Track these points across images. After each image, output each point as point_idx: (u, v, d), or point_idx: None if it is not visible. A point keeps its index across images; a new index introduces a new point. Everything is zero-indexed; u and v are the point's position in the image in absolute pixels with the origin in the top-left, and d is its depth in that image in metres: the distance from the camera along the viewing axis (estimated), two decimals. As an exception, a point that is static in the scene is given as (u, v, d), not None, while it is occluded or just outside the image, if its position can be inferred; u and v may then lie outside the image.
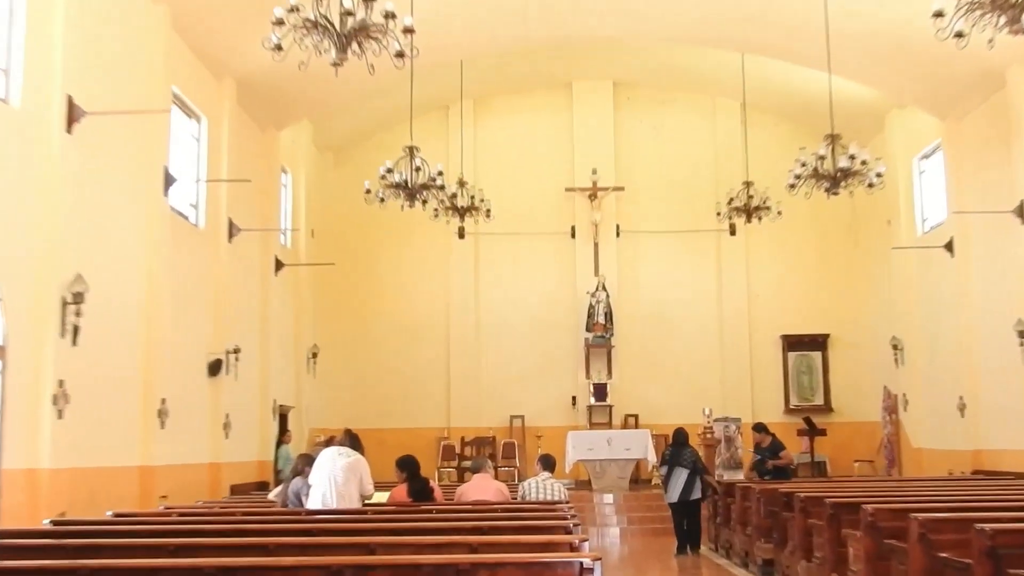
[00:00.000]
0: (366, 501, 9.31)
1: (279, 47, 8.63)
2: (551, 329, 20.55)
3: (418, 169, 14.04)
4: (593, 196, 20.43)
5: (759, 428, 14.34)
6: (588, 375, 20.00)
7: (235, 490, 14.52)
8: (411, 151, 14.12)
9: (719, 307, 20.71)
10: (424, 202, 14.02)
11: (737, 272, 20.74)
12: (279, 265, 17.27)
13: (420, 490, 9.62)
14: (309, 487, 9.21)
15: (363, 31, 8.78)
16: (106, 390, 11.24)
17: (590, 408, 19.71)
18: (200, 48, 14.02)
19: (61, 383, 10.20)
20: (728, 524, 12.77)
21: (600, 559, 5.78)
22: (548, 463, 10.60)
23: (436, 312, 20.79)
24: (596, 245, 20.50)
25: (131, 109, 11.64)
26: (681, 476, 12.89)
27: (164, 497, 11.94)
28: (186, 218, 14.25)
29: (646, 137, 21.16)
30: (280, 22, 8.74)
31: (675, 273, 20.81)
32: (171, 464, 12.67)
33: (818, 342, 20.65)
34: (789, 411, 20.35)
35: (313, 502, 9.07)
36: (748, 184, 16.86)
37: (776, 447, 14.04)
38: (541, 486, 10.32)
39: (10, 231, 9.78)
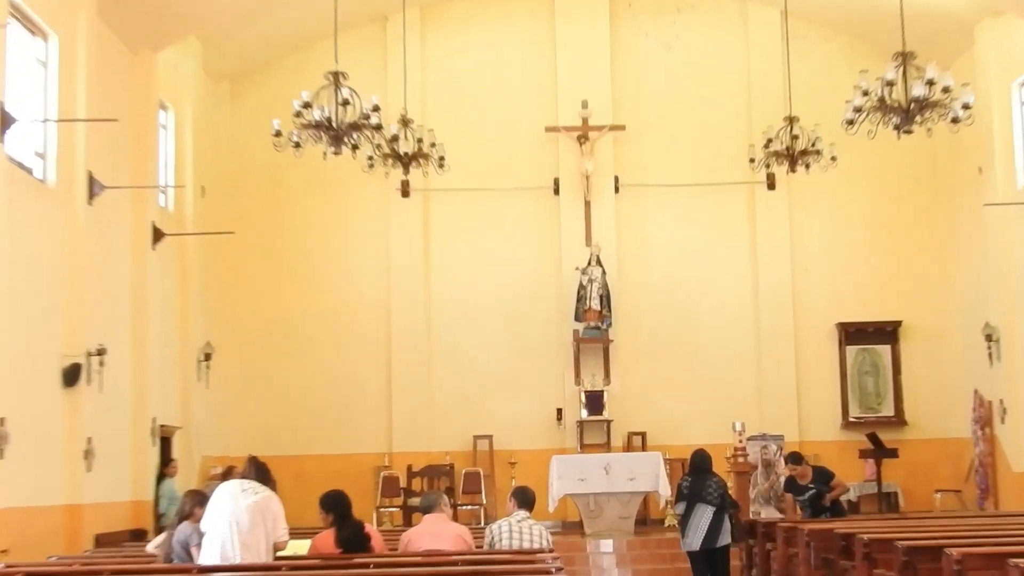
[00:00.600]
0: (279, 552, 9.23)
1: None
2: (528, 319, 20.49)
3: (346, 103, 13.76)
4: (583, 138, 20.35)
5: (794, 459, 14.42)
6: (578, 380, 20.01)
7: (101, 541, 14.30)
8: (336, 78, 13.80)
9: (753, 286, 20.65)
10: (355, 148, 13.81)
11: (777, 239, 20.65)
12: (158, 235, 16.93)
13: (352, 537, 9.55)
14: (202, 535, 9.12)
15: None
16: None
17: (581, 424, 19.72)
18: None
19: None
20: (767, 578, 12.94)
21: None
22: (525, 499, 10.49)
23: (372, 298, 20.68)
24: (588, 204, 20.48)
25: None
26: (704, 515, 12.77)
27: (3, 552, 11.72)
28: (29, 171, 13.98)
29: (654, 58, 21.04)
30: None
31: (694, 241, 20.74)
32: (12, 507, 12.39)
33: (886, 332, 20.62)
34: (848, 425, 20.37)
35: (208, 555, 8.98)
36: (791, 120, 16.58)
37: (823, 475, 14.12)
38: (516, 530, 10.24)
39: None
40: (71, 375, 14.29)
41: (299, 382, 20.29)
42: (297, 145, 13.54)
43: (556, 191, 20.55)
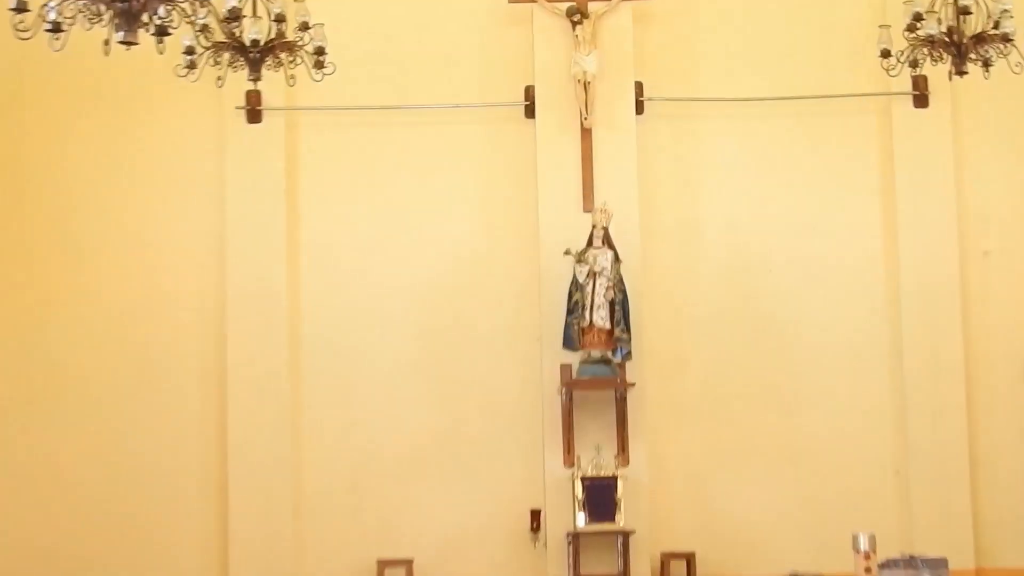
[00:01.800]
0: None
1: None
2: (476, 344, 12.00)
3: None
4: (579, 15, 11.85)
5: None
6: (570, 457, 11.41)
7: None
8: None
9: (889, 284, 12.09)
10: (161, 34, 7.78)
11: (933, 198, 12.01)
12: None
13: None
14: None
15: None
16: None
17: (575, 539, 11.32)
18: None
19: None
20: None
21: None
22: None
23: (191, 304, 12.00)
24: (587, 135, 11.73)
25: None
26: None
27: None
28: None
29: None
30: None
31: (779, 203, 12.20)
32: None
33: None
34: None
35: None
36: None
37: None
38: None
39: None
40: None
41: (54, 468, 11.78)
42: (57, 28, 7.73)
43: (529, 111, 12.01)
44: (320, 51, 9.58)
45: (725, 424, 11.83)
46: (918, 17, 9.82)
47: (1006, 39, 9.78)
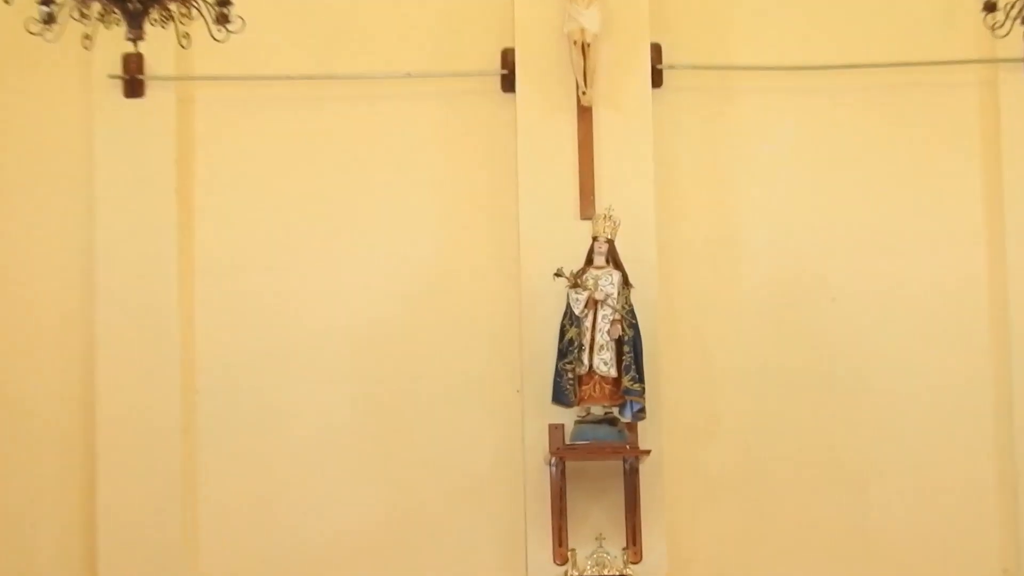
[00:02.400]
0: None
1: None
2: (438, 398, 8.98)
3: None
4: (574, -46, 8.97)
5: None
6: (561, 548, 8.44)
7: None
8: None
9: (996, 309, 9.04)
10: None
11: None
12: None
13: None
14: None
15: None
16: None
17: None
18: None
19: None
20: None
21: None
22: None
23: (46, 341, 8.91)
24: (586, 115, 8.94)
25: None
26: None
27: None
28: None
29: None
30: None
31: (844, 208, 9.16)
32: None
33: None
34: None
35: None
36: None
37: None
38: None
39: None
40: None
41: None
42: None
43: (507, 82, 8.95)
44: (224, 7, 6.85)
45: (770, 506, 8.74)
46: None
47: None
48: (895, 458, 8.85)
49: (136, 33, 6.58)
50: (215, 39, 6.70)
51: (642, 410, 8.28)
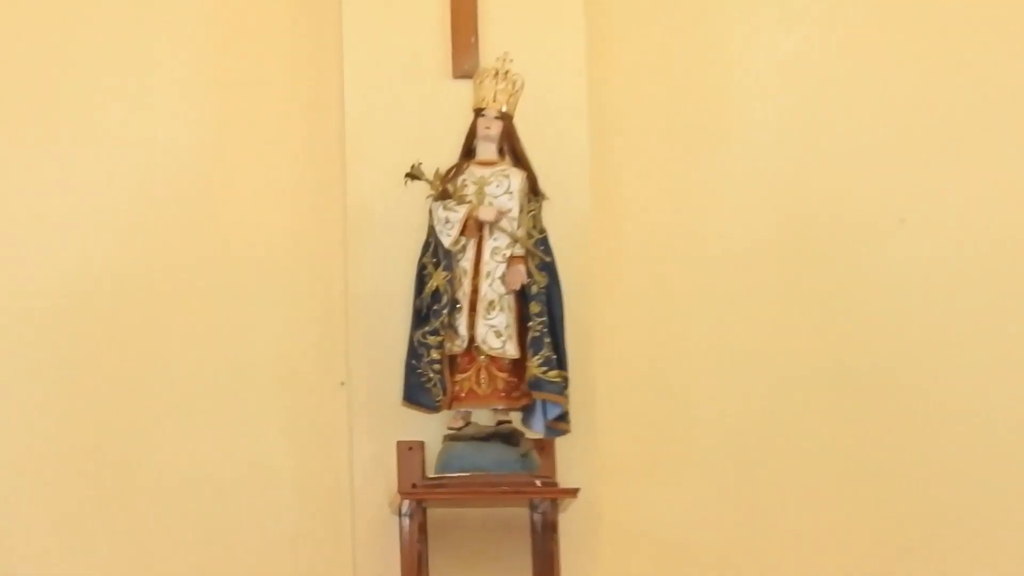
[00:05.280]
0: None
1: None
2: (190, 404, 5.11)
3: None
4: None
5: None
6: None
7: None
8: None
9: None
10: None
11: None
12: None
13: None
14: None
15: None
16: None
17: None
18: None
19: None
20: None
21: None
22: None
23: None
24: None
25: None
26: None
27: None
28: None
29: None
30: None
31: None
32: None
33: None
34: None
35: None
36: None
37: None
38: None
39: None
40: None
41: None
42: None
43: None
44: None
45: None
46: None
47: None
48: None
49: None
50: None
51: (563, 417, 4.80)
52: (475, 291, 4.76)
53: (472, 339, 4.74)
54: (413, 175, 4.76)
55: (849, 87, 5.55)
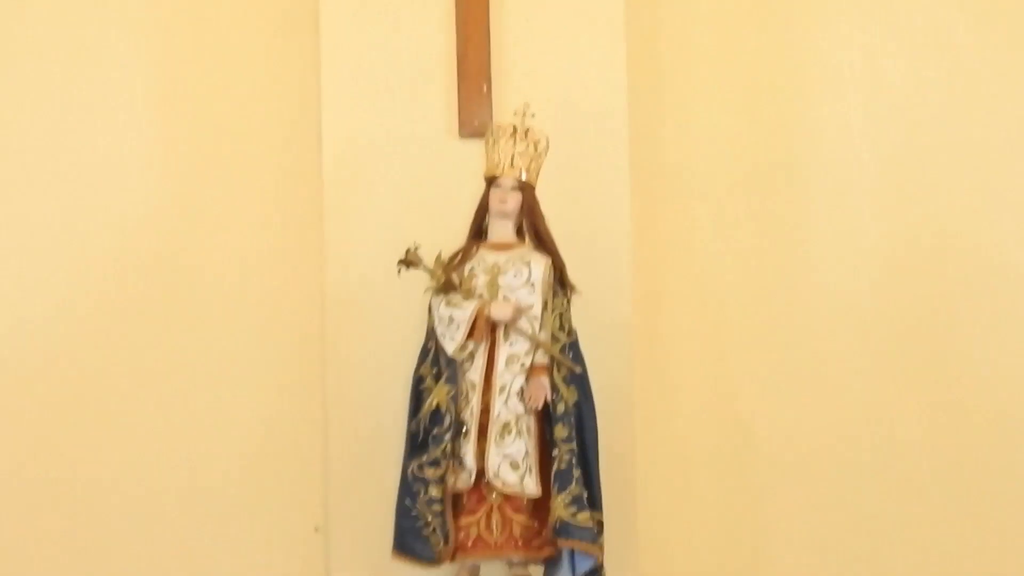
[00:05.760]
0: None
1: None
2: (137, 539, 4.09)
3: None
4: None
5: None
6: None
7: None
8: None
9: None
10: None
11: None
12: None
13: None
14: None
15: None
16: None
17: None
18: None
19: None
20: None
21: None
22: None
23: None
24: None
25: None
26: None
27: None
28: None
29: None
30: None
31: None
32: None
33: None
34: None
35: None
36: None
37: None
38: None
39: None
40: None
41: None
42: None
43: None
44: None
45: None
46: None
47: None
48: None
49: None
50: None
51: (597, 572, 3.91)
52: (485, 411, 4.01)
53: (481, 472, 3.97)
54: (409, 262, 3.88)
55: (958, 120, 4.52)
